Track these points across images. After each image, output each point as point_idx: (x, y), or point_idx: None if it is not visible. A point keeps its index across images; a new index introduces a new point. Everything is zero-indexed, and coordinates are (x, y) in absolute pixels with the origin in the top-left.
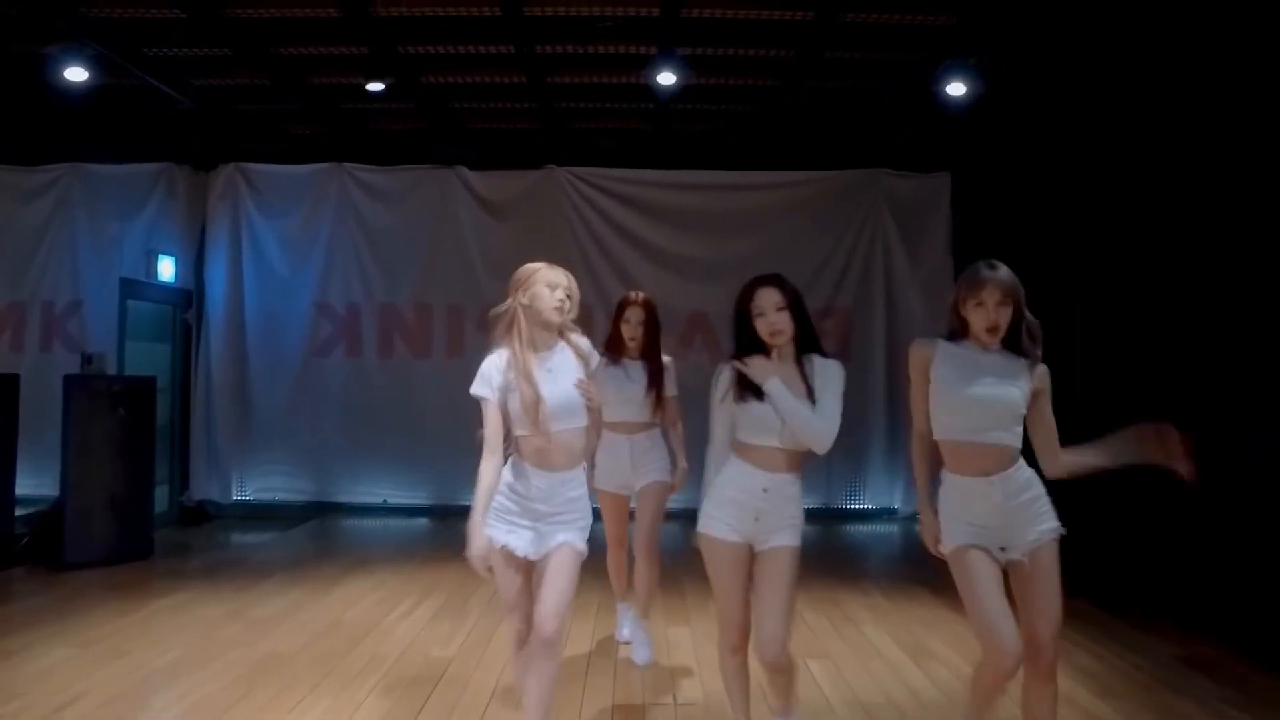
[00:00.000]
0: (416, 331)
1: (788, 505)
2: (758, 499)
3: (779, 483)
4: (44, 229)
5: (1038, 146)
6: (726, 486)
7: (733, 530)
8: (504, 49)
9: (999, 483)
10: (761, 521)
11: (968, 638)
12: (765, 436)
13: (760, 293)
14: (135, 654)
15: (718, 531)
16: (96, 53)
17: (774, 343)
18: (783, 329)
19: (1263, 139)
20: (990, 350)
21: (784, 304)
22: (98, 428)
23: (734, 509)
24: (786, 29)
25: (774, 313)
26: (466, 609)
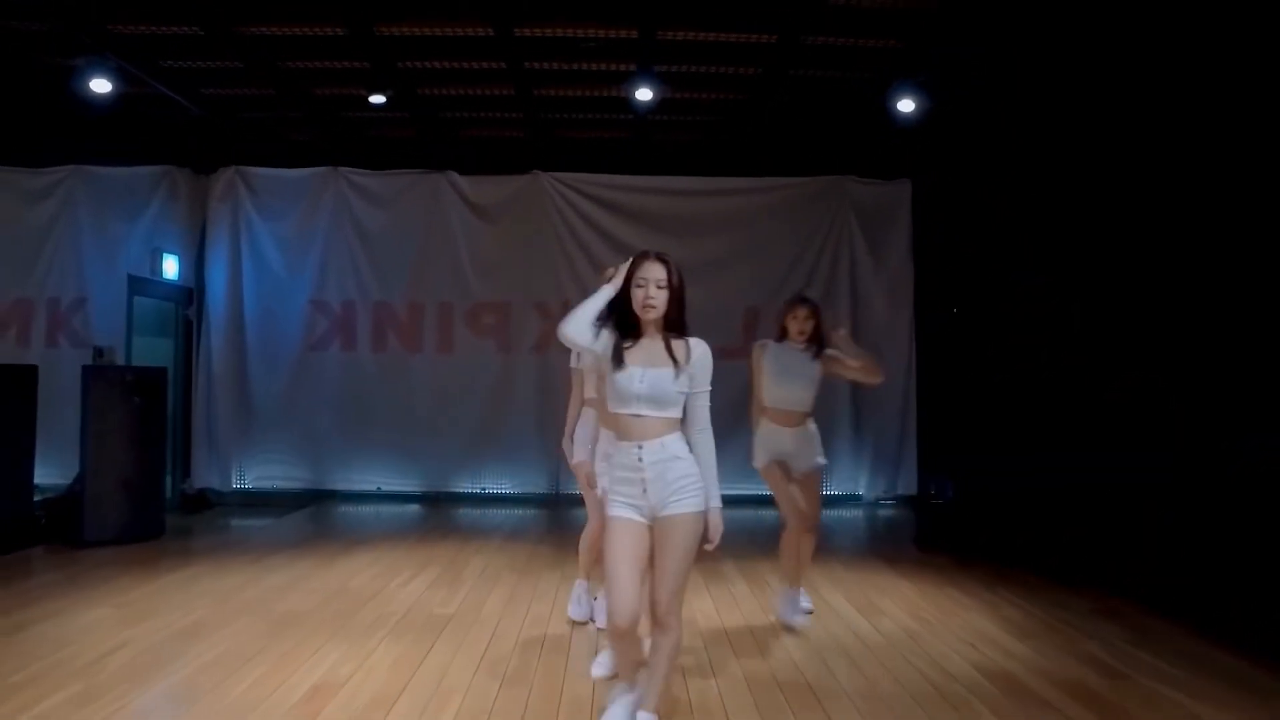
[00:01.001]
0: (408, 327)
1: (673, 465)
2: (637, 470)
3: (653, 448)
4: (49, 228)
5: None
6: (614, 466)
7: (629, 507)
8: (495, 65)
9: (799, 430)
10: (651, 492)
11: (914, 598)
12: (628, 404)
13: (647, 265)
14: (164, 614)
15: (615, 510)
16: (118, 65)
17: (644, 316)
18: (656, 305)
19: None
20: (798, 348)
21: (665, 282)
22: (113, 415)
23: (624, 486)
24: (753, 50)
25: (654, 288)
26: (461, 579)
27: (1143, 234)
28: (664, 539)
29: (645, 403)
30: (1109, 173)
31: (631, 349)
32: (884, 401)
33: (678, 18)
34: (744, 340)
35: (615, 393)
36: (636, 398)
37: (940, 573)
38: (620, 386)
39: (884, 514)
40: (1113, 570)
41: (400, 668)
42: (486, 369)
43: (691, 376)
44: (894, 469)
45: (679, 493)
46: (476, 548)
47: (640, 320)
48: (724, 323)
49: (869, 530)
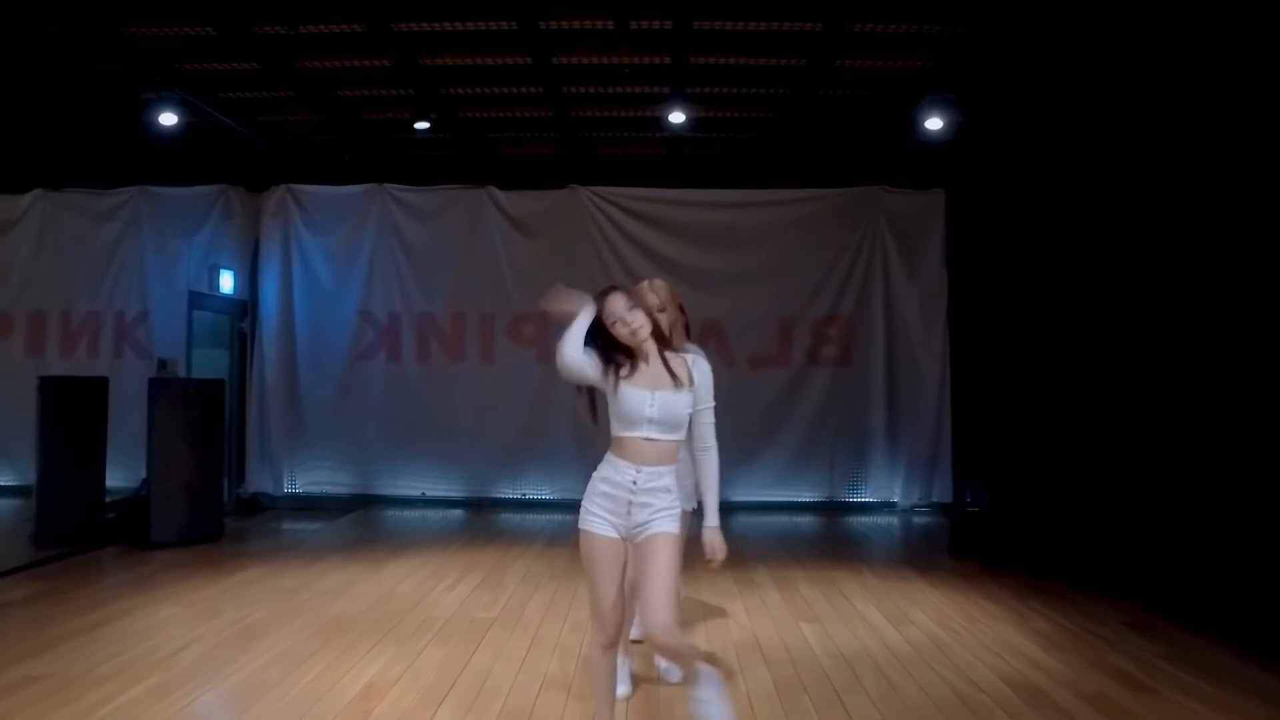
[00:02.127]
0: (451, 338)
1: (661, 496)
2: (628, 492)
3: (648, 475)
4: (116, 246)
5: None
6: (599, 481)
7: (608, 525)
8: (534, 89)
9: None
10: (635, 514)
11: (944, 608)
12: (637, 428)
13: (611, 301)
14: (229, 613)
15: (594, 527)
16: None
17: (638, 345)
18: (639, 330)
19: (1253, 149)
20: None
21: (632, 305)
22: (176, 424)
23: (608, 503)
24: (783, 72)
25: (628, 315)
26: (504, 583)
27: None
28: (648, 561)
29: (656, 426)
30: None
31: (632, 373)
32: (920, 409)
33: (708, 44)
34: (776, 351)
35: (623, 416)
36: (647, 421)
37: (971, 582)
38: (629, 410)
39: (918, 521)
40: (1149, 582)
41: (446, 669)
42: (527, 378)
43: (696, 395)
44: (929, 476)
45: (659, 514)
46: (518, 553)
47: (635, 349)
48: (756, 333)
49: (903, 538)
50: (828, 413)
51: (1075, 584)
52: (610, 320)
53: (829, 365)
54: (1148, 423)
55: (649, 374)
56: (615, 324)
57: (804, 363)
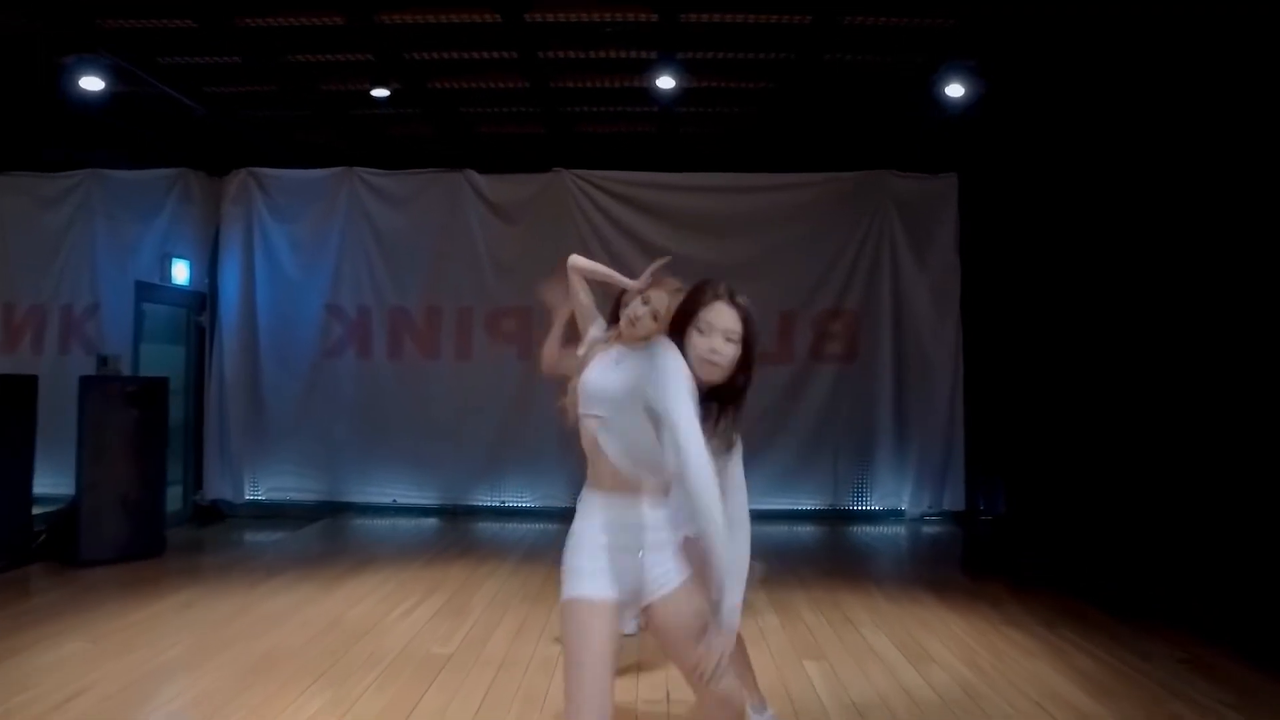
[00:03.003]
0: (426, 333)
1: (667, 533)
2: (635, 537)
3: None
4: (64, 233)
5: (1047, 145)
6: (598, 531)
7: (607, 585)
8: (507, 55)
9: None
10: (649, 570)
11: (967, 640)
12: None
13: (718, 308)
14: (142, 649)
15: (590, 589)
16: (112, 62)
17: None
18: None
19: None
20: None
21: (737, 335)
22: (112, 428)
23: (610, 559)
24: (785, 32)
25: (721, 340)
26: (468, 609)
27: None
28: (675, 624)
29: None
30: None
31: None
32: (929, 410)
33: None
34: (776, 347)
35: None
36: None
37: (994, 606)
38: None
39: (928, 531)
40: (1201, 609)
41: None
42: (507, 377)
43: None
44: (940, 482)
45: (670, 560)
46: (489, 570)
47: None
48: None
49: (912, 551)
50: (832, 413)
51: (1112, 609)
52: (698, 326)
53: (833, 362)
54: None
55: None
56: (697, 332)
57: (806, 359)
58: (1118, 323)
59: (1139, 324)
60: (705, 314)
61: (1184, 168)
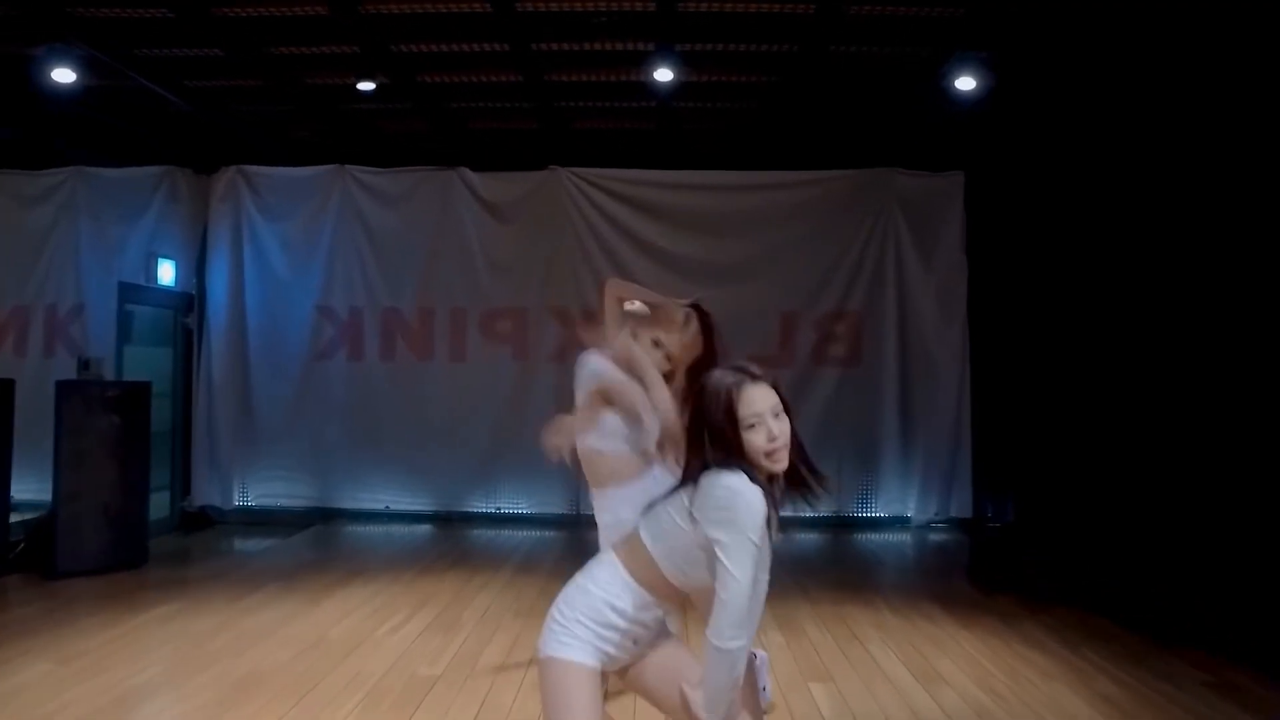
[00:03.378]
0: (419, 335)
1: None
2: (647, 629)
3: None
4: (48, 233)
5: (1057, 142)
6: (612, 614)
7: (601, 653)
8: (499, 47)
9: None
10: (640, 644)
11: (981, 659)
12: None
13: (753, 390)
14: (115, 670)
15: (581, 655)
16: (87, 54)
17: (773, 467)
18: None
19: None
20: None
21: (780, 409)
22: (91, 434)
23: (612, 633)
24: (787, 22)
25: (772, 419)
26: (459, 624)
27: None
28: (664, 664)
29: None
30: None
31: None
32: (935, 414)
33: None
34: (778, 350)
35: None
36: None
37: (1008, 622)
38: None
39: (935, 539)
40: (1228, 627)
41: None
42: (502, 379)
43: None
44: (947, 489)
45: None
46: (483, 581)
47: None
48: (756, 331)
49: (919, 561)
50: (835, 418)
51: (1133, 626)
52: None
53: (836, 365)
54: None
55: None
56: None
57: (808, 363)
58: (1130, 323)
59: (1152, 324)
60: (743, 409)
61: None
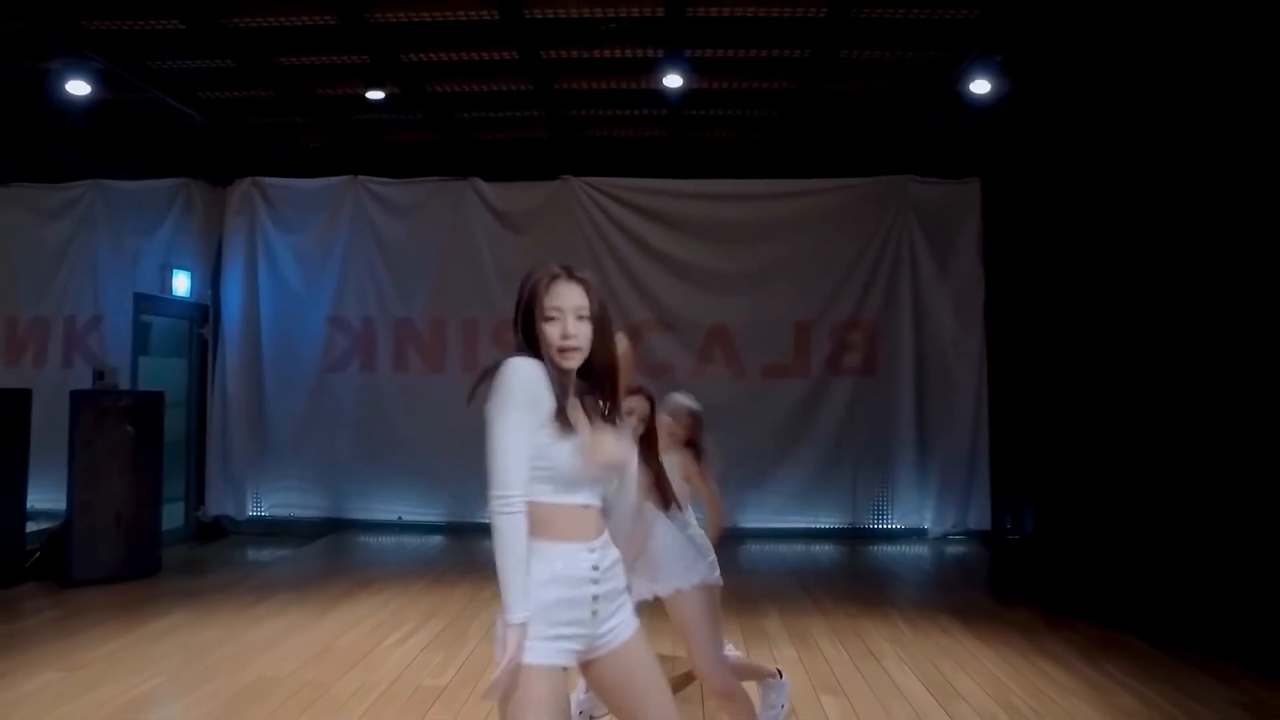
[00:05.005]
0: (431, 345)
1: (620, 578)
2: (589, 585)
3: (604, 554)
4: (66, 245)
5: (1074, 147)
6: (541, 587)
7: (564, 648)
8: (507, 54)
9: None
10: (601, 614)
11: (998, 674)
12: (580, 492)
13: (560, 287)
14: (122, 679)
15: (540, 656)
16: (101, 67)
17: (562, 362)
18: (578, 345)
19: None
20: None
21: (586, 312)
22: (105, 444)
23: (565, 612)
24: (799, 27)
25: (572, 320)
26: (465, 636)
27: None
28: (633, 673)
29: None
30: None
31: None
32: (953, 424)
33: None
34: (792, 359)
35: (557, 473)
36: (587, 480)
37: (1026, 635)
38: (564, 460)
39: (953, 552)
40: (1254, 641)
41: None
42: None
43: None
44: (964, 500)
45: (624, 603)
46: (492, 594)
47: (558, 367)
48: (770, 340)
49: (936, 573)
50: (850, 428)
51: (1157, 640)
52: (547, 313)
53: (851, 375)
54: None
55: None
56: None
57: (823, 372)
58: (1151, 331)
59: (1173, 332)
60: (547, 300)
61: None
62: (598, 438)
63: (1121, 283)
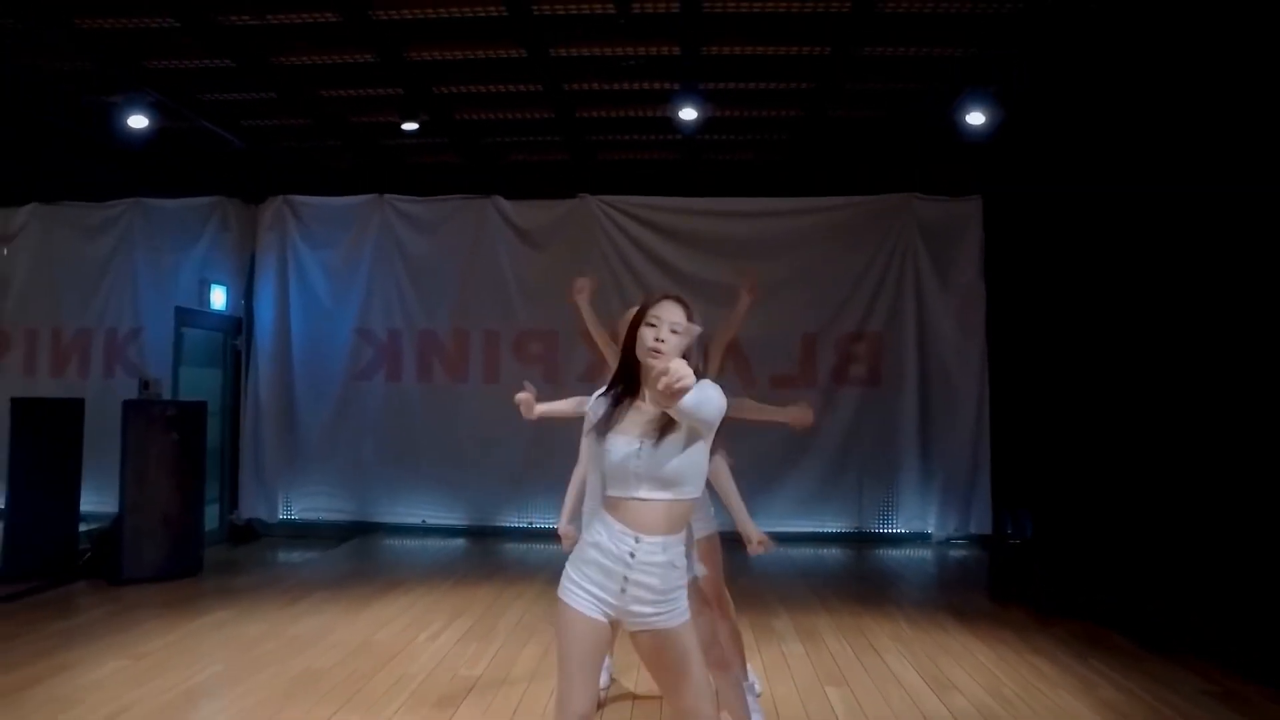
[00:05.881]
0: (454, 357)
1: (667, 576)
2: (624, 565)
3: (652, 549)
4: (108, 260)
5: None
6: (589, 546)
7: (593, 601)
8: (533, 88)
9: None
10: (629, 593)
11: (992, 668)
12: (628, 486)
13: (663, 305)
14: (181, 668)
15: (574, 602)
16: (156, 99)
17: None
18: (666, 350)
19: None
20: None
21: (682, 327)
22: (153, 450)
23: (595, 573)
24: (805, 63)
25: (667, 331)
26: (494, 632)
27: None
28: (663, 654)
29: (649, 483)
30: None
31: (628, 414)
32: (955, 432)
33: (722, 31)
34: (800, 370)
35: (610, 467)
36: (634, 476)
37: (1021, 634)
38: (617, 457)
39: (954, 555)
40: (1233, 640)
41: None
42: None
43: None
44: (966, 506)
45: (670, 603)
46: (516, 593)
47: (643, 373)
48: (779, 351)
49: (938, 576)
50: (856, 436)
51: (1141, 638)
52: (648, 320)
53: (857, 385)
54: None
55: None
56: (646, 324)
57: (830, 383)
58: (1147, 344)
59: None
60: (651, 310)
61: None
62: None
63: (1119, 295)
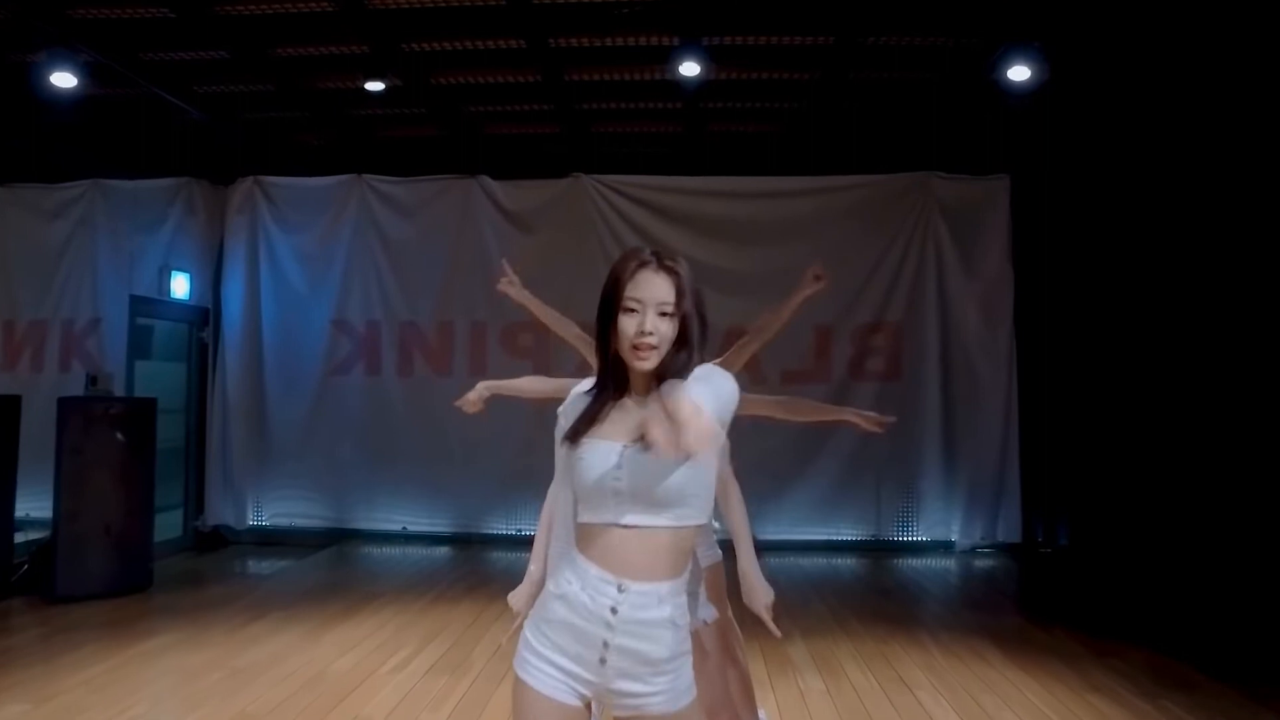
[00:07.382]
0: (438, 349)
1: (664, 636)
2: (602, 624)
3: (643, 599)
4: (65, 246)
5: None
6: (554, 600)
7: (562, 680)
8: (515, 43)
9: None
10: (612, 665)
11: (1045, 709)
12: (607, 509)
13: (645, 276)
14: (93, 711)
15: (534, 681)
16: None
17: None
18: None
19: None
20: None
21: (672, 308)
22: (94, 452)
23: (564, 637)
24: (824, 13)
25: (653, 316)
26: (468, 662)
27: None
28: None
29: (637, 504)
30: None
31: (611, 414)
32: (981, 431)
33: None
34: (813, 363)
35: (586, 487)
36: (617, 495)
37: (1073, 665)
38: (593, 470)
39: (981, 566)
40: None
41: None
42: None
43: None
44: (993, 511)
45: (670, 675)
46: (498, 611)
47: (628, 369)
48: (790, 344)
49: (966, 590)
50: (873, 436)
51: (1216, 671)
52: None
53: (874, 380)
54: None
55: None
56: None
57: (845, 377)
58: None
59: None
60: (629, 289)
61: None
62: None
63: (1160, 282)
